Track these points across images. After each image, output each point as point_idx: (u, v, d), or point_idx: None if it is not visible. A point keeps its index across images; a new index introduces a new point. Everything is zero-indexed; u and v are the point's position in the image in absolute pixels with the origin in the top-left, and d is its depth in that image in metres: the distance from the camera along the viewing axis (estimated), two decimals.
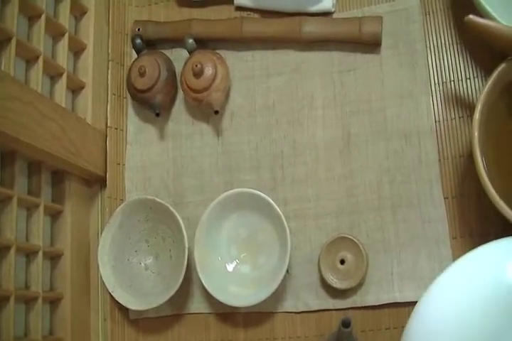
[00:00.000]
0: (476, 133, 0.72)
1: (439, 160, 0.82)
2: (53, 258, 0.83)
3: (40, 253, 0.78)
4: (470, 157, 0.72)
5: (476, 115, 0.73)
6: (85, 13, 0.94)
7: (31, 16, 0.83)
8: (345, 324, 0.68)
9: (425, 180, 0.82)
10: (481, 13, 0.77)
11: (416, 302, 0.62)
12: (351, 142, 0.85)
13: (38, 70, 0.82)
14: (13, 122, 0.70)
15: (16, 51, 0.77)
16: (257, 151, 0.88)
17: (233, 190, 0.83)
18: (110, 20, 0.98)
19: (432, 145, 0.82)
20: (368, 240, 0.81)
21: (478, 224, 0.78)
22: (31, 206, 0.80)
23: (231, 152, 0.89)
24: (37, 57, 0.82)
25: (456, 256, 0.75)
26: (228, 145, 0.90)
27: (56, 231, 0.85)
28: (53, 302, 0.82)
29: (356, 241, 0.79)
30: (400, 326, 0.77)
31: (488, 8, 0.77)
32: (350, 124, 0.86)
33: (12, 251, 0.73)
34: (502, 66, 0.74)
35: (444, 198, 0.81)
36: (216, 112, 0.87)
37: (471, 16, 0.74)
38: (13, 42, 0.77)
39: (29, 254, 0.78)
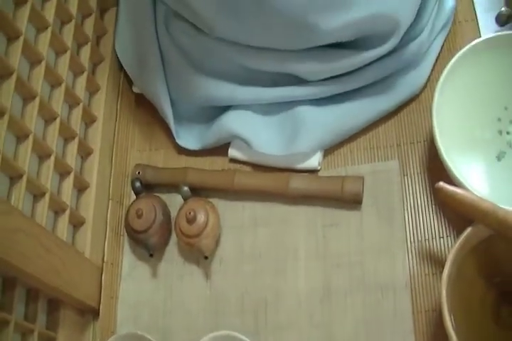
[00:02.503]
0: (444, 292, 0.80)
1: (413, 313, 0.90)
2: None
3: None
4: (441, 314, 0.79)
5: (445, 274, 0.81)
6: (90, 154, 1.06)
7: (41, 155, 0.94)
8: None
9: (399, 332, 0.90)
10: (453, 179, 0.89)
11: None
12: (331, 293, 0.94)
13: (44, 206, 0.91)
14: (18, 253, 0.79)
15: (25, 187, 0.86)
16: (242, 296, 0.97)
17: (217, 333, 0.90)
18: (113, 162, 1.10)
19: (407, 299, 0.91)
20: None
21: None
22: (26, 331, 0.86)
23: (218, 295, 0.98)
24: (44, 194, 0.91)
25: None
26: (216, 288, 0.99)
27: None
28: None
29: None
30: None
31: (459, 177, 0.87)
32: (330, 276, 0.95)
33: None
34: (469, 229, 0.84)
35: None
36: (206, 258, 0.97)
37: (440, 184, 0.85)
38: (24, 179, 0.86)
39: None
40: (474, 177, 0.95)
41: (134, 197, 1.05)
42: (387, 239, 0.96)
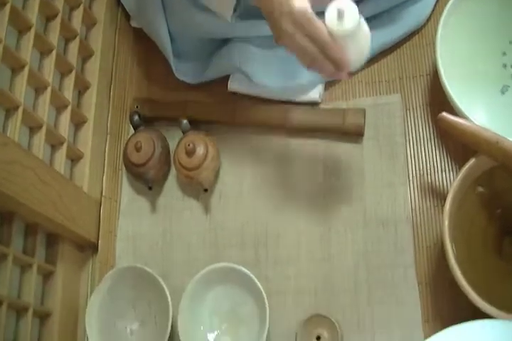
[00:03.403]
0: (446, 223, 0.79)
1: (414, 246, 0.89)
2: (42, 317, 0.89)
3: (30, 311, 0.84)
4: (443, 245, 0.79)
5: (447, 206, 0.80)
6: (88, 88, 1.04)
7: (38, 88, 0.92)
8: None
9: (400, 265, 0.89)
10: (455, 111, 0.87)
11: None
12: (332, 227, 0.93)
13: (40, 138, 0.90)
14: (14, 184, 0.78)
15: (21, 119, 0.85)
16: (242, 230, 0.96)
17: (218, 264, 0.90)
18: (111, 96, 1.08)
19: (408, 232, 0.90)
20: (344, 319, 0.88)
21: (450, 308, 0.85)
22: (25, 265, 0.86)
23: (218, 229, 0.97)
24: (40, 126, 0.90)
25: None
26: (215, 222, 0.98)
27: (47, 291, 0.91)
28: None
29: (332, 319, 0.86)
30: None
31: (462, 108, 0.86)
32: (331, 210, 0.94)
33: (4, 306, 0.78)
34: (471, 161, 0.83)
35: (418, 283, 0.87)
36: (205, 190, 0.96)
37: (443, 114, 0.83)
38: (20, 111, 0.85)
39: (19, 311, 0.84)
40: (477, 109, 0.93)
41: (133, 131, 1.03)
42: (389, 172, 0.94)
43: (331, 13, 0.73)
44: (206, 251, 0.96)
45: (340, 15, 0.73)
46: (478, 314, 0.75)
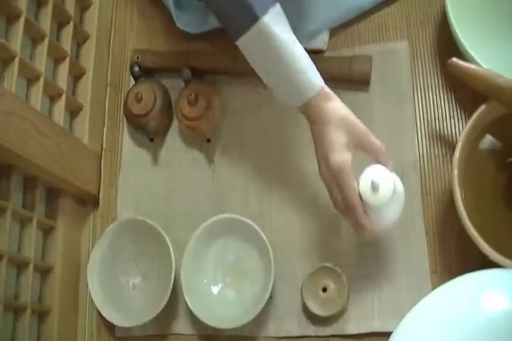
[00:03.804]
0: (455, 172, 0.77)
1: (422, 195, 0.87)
2: (43, 272, 0.88)
3: (31, 266, 0.82)
4: (451, 193, 0.77)
5: (456, 154, 0.78)
6: (87, 39, 1.01)
7: (35, 38, 0.89)
8: None
9: (408, 214, 0.86)
10: (465, 57, 0.84)
11: None
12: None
13: (38, 90, 0.87)
14: (11, 136, 0.76)
15: (18, 70, 0.82)
16: (246, 181, 0.94)
17: (221, 215, 0.88)
18: (111, 47, 1.05)
19: (416, 180, 0.88)
20: (350, 270, 0.85)
21: (458, 258, 0.83)
22: (25, 219, 0.85)
23: (221, 180, 0.95)
24: (38, 78, 0.88)
25: None
26: (219, 173, 0.95)
27: (48, 246, 0.89)
28: (41, 315, 0.86)
29: (338, 270, 0.84)
30: None
31: (472, 53, 0.83)
32: None
33: (4, 261, 0.77)
34: (482, 108, 0.80)
35: (426, 233, 0.85)
36: (208, 140, 0.93)
37: (454, 59, 0.81)
38: (16, 61, 0.82)
39: (20, 266, 0.83)
40: (488, 55, 0.87)
41: (133, 82, 1.00)
42: (396, 120, 0.91)
43: (365, 181, 0.72)
44: (209, 203, 0.94)
45: (374, 186, 0.70)
46: (486, 265, 0.73)
